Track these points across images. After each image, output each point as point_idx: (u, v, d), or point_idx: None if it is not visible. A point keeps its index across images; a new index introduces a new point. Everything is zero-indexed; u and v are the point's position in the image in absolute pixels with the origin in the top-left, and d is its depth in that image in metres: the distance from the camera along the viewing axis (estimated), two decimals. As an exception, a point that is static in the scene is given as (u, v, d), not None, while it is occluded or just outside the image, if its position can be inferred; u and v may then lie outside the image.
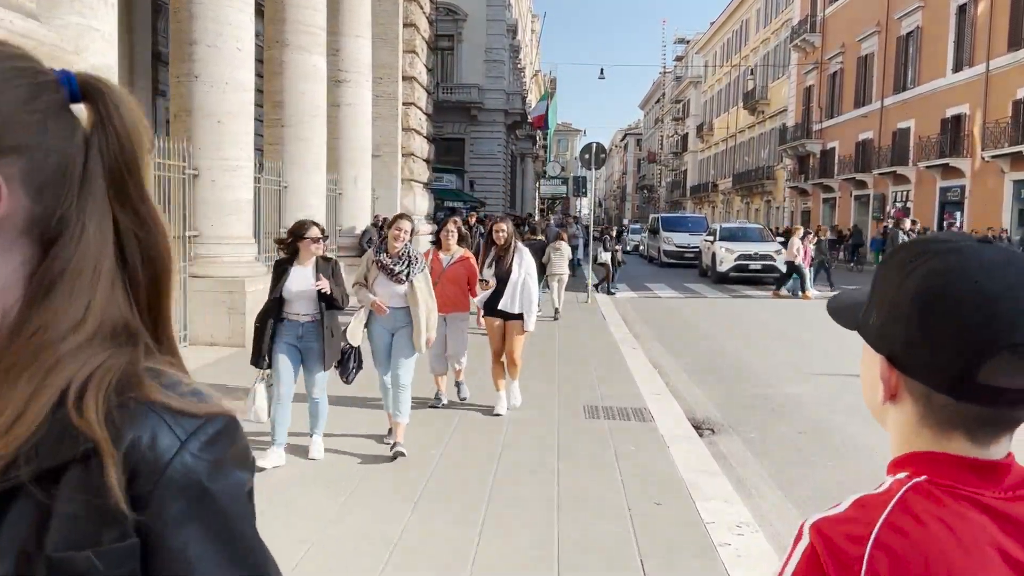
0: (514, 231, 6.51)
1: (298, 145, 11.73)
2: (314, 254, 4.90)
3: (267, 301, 4.94)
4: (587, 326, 11.70)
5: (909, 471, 0.78)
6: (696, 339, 11.06)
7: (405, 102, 17.60)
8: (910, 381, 0.77)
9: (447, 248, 6.40)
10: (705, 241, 23.71)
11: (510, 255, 6.27)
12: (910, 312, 0.75)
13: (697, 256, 27.98)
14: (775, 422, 6.55)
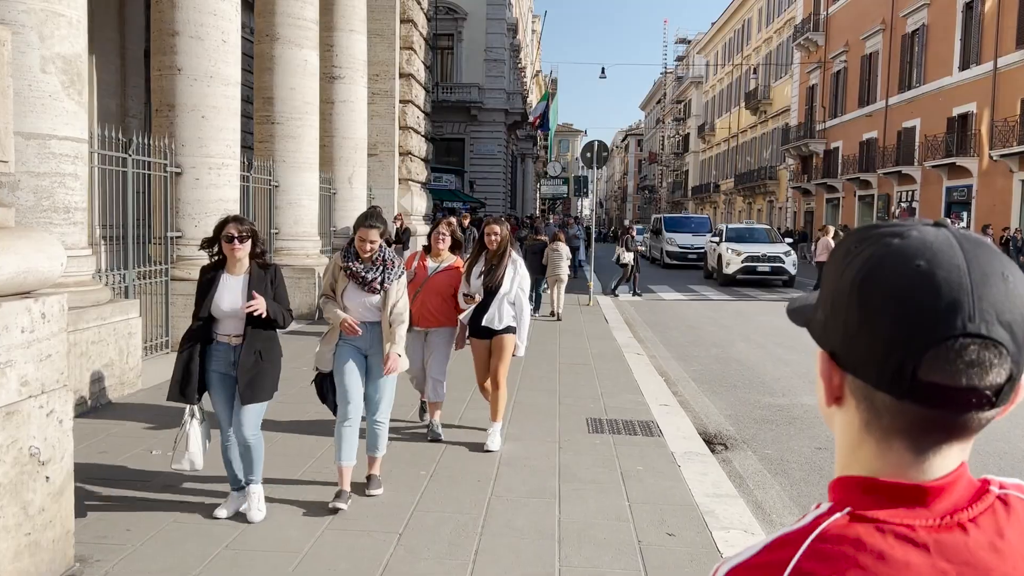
0: (509, 235, 5.54)
1: (289, 143, 11.31)
2: (239, 259, 3.96)
3: (192, 321, 4.03)
4: (590, 330, 11.27)
5: (834, 500, 0.72)
6: (703, 344, 10.62)
7: (402, 100, 17.17)
8: (852, 380, 0.71)
9: (437, 254, 5.61)
10: (711, 242, 22.95)
11: (504, 264, 5.35)
12: (848, 301, 0.70)
13: (701, 257, 27.54)
14: (791, 437, 6.11)
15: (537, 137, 52.97)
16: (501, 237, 5.41)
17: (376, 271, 4.28)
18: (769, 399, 7.33)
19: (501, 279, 5.32)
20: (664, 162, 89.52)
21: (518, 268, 5.40)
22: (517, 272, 5.39)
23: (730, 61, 60.35)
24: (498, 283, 5.32)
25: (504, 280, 5.32)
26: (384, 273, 4.28)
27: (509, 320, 5.37)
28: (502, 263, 5.36)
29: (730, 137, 60.41)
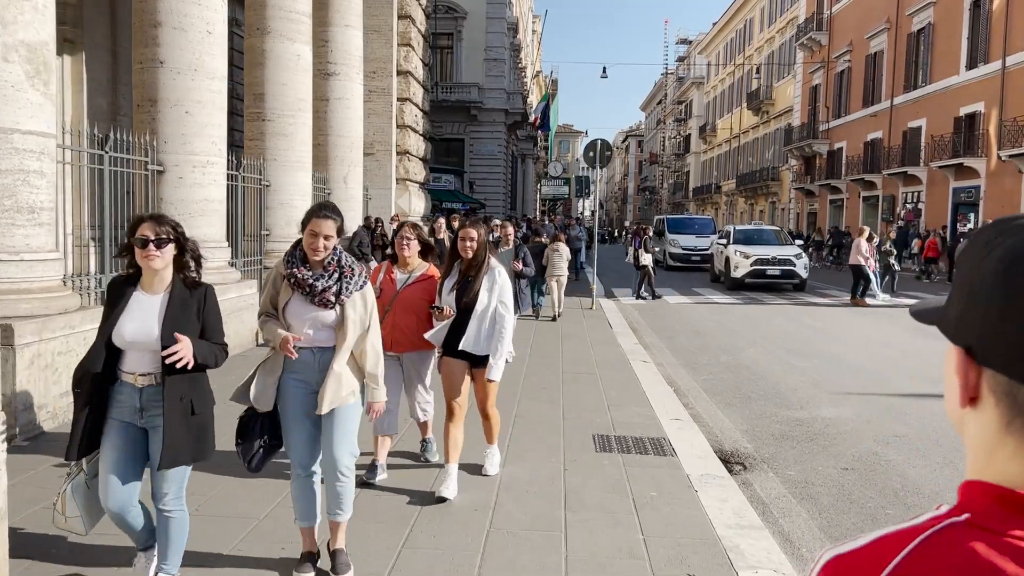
0: (487, 241, 4.58)
1: (281, 141, 10.86)
2: (155, 272, 3.01)
3: (89, 348, 3.08)
4: (593, 335, 10.82)
5: (956, 504, 0.68)
6: (712, 350, 10.18)
7: (400, 98, 16.73)
8: (992, 376, 0.67)
9: (404, 263, 4.72)
10: (718, 244, 21.94)
11: (481, 276, 4.44)
12: (991, 292, 0.66)
13: (705, 259, 26.98)
14: (815, 455, 5.66)
15: (537, 138, 52.58)
16: (478, 243, 4.44)
17: (329, 279, 3.30)
18: (787, 412, 6.88)
19: (477, 293, 4.41)
20: (665, 163, 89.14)
21: (497, 277, 4.47)
22: (496, 282, 4.46)
23: (732, 61, 59.94)
24: (473, 299, 4.40)
25: (481, 291, 4.41)
26: (341, 282, 3.31)
27: (490, 344, 4.49)
28: (479, 275, 4.44)
29: (732, 138, 60.02)
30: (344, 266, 3.35)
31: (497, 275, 4.48)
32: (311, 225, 3.29)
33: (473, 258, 4.45)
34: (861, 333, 11.86)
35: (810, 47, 43.17)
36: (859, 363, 9.31)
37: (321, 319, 3.32)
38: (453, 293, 4.49)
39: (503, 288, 4.50)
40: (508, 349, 4.62)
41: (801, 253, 19.55)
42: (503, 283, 4.51)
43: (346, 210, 14.06)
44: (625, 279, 22.78)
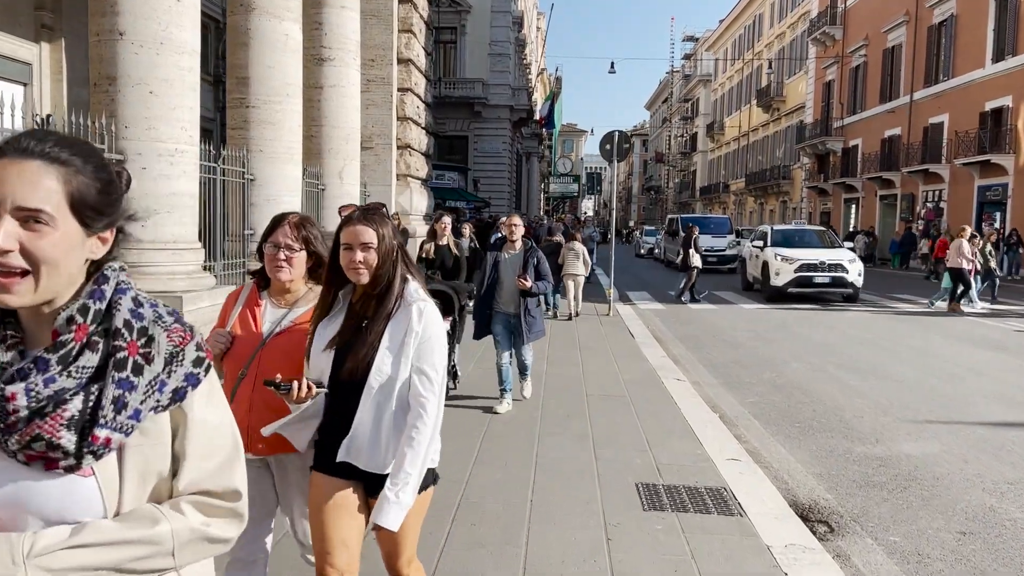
0: (397, 251, 2.31)
1: (267, 130, 9.74)
2: None
3: None
4: (614, 346, 9.69)
5: None
6: (751, 365, 9.04)
7: (400, 88, 15.61)
8: None
9: (282, 290, 2.59)
10: (752, 247, 18.78)
11: (381, 318, 2.29)
12: None
13: (723, 260, 25.89)
14: (917, 511, 4.52)
15: (543, 136, 51.49)
16: (379, 255, 2.25)
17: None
18: (861, 447, 5.73)
19: (372, 353, 2.24)
20: (671, 162, 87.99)
21: (415, 322, 2.26)
22: (413, 330, 2.25)
23: (740, 58, 58.79)
24: (364, 364, 2.25)
25: (379, 355, 2.24)
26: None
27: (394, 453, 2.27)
28: (379, 316, 2.27)
29: (740, 136, 58.85)
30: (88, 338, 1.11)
31: (416, 317, 2.26)
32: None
33: (370, 283, 2.28)
34: (912, 344, 10.70)
35: (823, 42, 42.01)
36: (923, 381, 8.16)
37: None
38: (330, 353, 2.31)
39: (427, 342, 2.26)
40: (422, 464, 2.23)
41: (855, 258, 16.66)
42: (430, 332, 2.27)
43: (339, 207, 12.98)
44: (640, 281, 21.66)
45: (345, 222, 2.29)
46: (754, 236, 19.96)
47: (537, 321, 6.49)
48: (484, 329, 6.54)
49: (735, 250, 26.06)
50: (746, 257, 19.54)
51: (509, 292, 6.36)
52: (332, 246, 2.32)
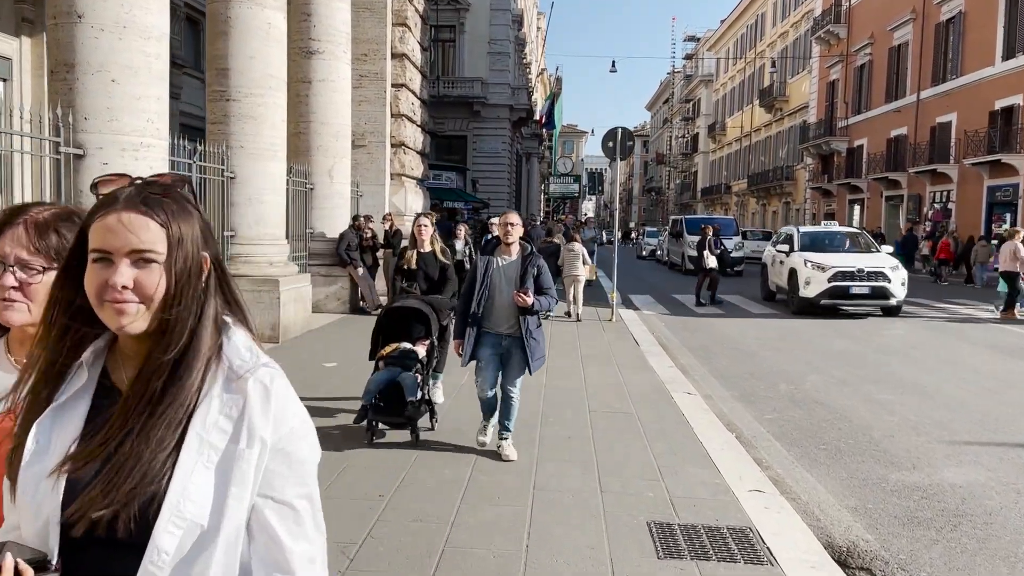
0: (211, 264, 1.10)
1: (248, 124, 9.16)
2: None
3: None
4: (618, 355, 9.10)
5: None
6: (766, 377, 8.44)
7: (395, 83, 15.02)
8: None
9: (22, 338, 1.39)
10: (776, 252, 16.08)
11: (176, 406, 1.04)
12: None
13: (729, 263, 25.03)
14: (973, 556, 3.91)
15: (543, 136, 50.90)
16: (175, 277, 1.05)
17: None
18: (898, 475, 5.13)
19: (163, 476, 1.02)
20: (672, 163, 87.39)
21: (273, 399, 1.06)
22: (270, 411, 1.06)
23: (742, 58, 58.20)
24: (145, 498, 1.01)
25: (176, 473, 1.02)
26: None
27: None
28: (175, 398, 1.05)
29: (742, 136, 58.26)
30: None
31: (259, 403, 1.07)
32: None
33: (153, 333, 1.07)
34: (934, 353, 10.09)
35: (827, 41, 41.41)
36: (955, 395, 7.55)
37: None
38: (61, 482, 1.05)
39: (288, 456, 1.08)
40: None
41: (897, 264, 14.26)
42: (292, 437, 1.09)
43: (332, 208, 12.38)
44: (643, 283, 21.06)
45: (101, 206, 1.08)
46: (777, 239, 17.32)
47: (539, 345, 5.03)
48: (468, 356, 5.08)
49: (741, 252, 25.36)
50: (767, 263, 16.90)
51: (503, 308, 4.94)
52: (67, 256, 1.13)
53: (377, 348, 5.65)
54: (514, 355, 4.99)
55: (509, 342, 4.99)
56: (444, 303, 5.97)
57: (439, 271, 6.13)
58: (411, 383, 5.24)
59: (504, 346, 5.00)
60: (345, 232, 11.72)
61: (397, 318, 5.74)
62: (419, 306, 5.71)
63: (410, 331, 5.74)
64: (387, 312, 5.80)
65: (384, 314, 5.82)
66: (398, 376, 5.28)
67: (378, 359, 5.59)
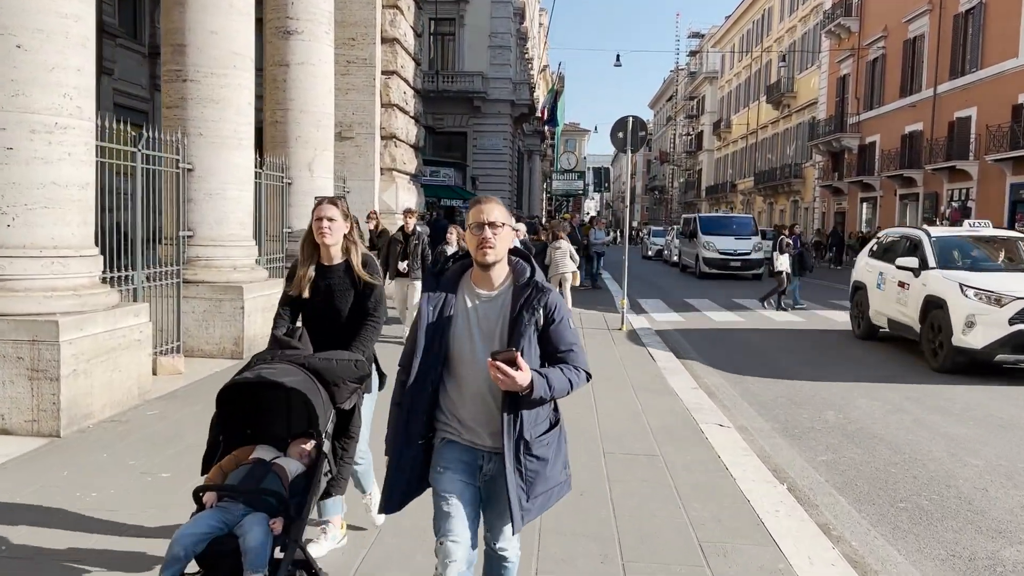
0: None
1: (209, 109, 7.98)
2: None
3: None
4: (634, 374, 7.92)
5: None
6: (807, 402, 7.26)
7: (385, 70, 13.84)
8: None
9: None
10: (890, 267, 10.32)
11: None
12: None
13: (747, 265, 23.16)
14: None
15: (545, 133, 49.70)
16: None
17: None
18: (1011, 551, 3.95)
19: None
20: (675, 161, 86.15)
21: None
22: None
23: (748, 54, 56.98)
24: None
25: None
26: None
27: None
28: None
29: (748, 134, 57.05)
30: None
31: None
32: None
33: None
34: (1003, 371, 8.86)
35: (838, 34, 40.18)
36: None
37: None
38: None
39: None
40: None
41: None
42: None
43: (311, 205, 11.22)
44: (652, 286, 19.83)
45: None
46: (886, 246, 11.29)
47: (552, 469, 2.51)
48: (400, 493, 2.49)
49: (760, 253, 23.53)
50: (863, 283, 11.17)
51: (475, 389, 2.41)
52: None
53: (212, 458, 2.89)
54: (506, 493, 2.37)
55: (495, 465, 2.43)
56: (345, 369, 2.95)
57: (353, 302, 3.44)
58: (259, 543, 2.54)
59: (487, 472, 2.47)
60: (326, 232, 10.55)
61: (250, 399, 2.95)
62: (289, 380, 2.77)
63: (273, 424, 3.02)
64: (229, 388, 2.84)
65: (224, 391, 2.87)
66: (235, 526, 2.60)
67: (198, 491, 2.76)
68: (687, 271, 25.62)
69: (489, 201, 2.37)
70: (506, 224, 2.35)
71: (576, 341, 2.41)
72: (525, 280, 2.38)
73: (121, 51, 15.25)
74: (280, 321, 3.51)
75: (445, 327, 2.36)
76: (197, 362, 7.69)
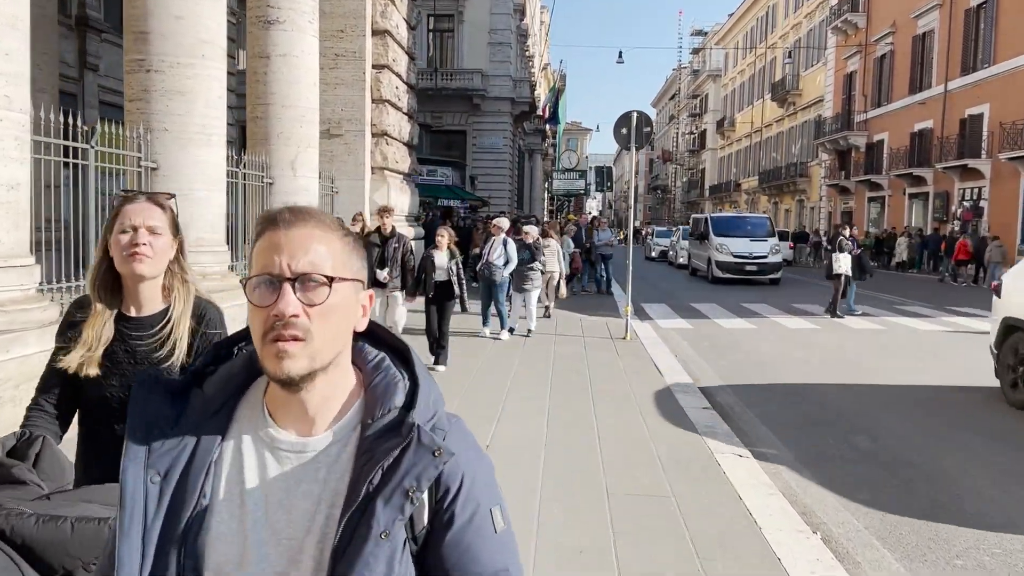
0: None
1: (176, 102, 7.30)
2: None
3: None
4: (638, 391, 7.23)
5: None
6: (830, 421, 6.58)
7: (376, 64, 13.16)
8: None
9: None
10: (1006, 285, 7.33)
11: None
12: None
13: (763, 269, 21.28)
14: None
15: (546, 132, 49.00)
16: None
17: None
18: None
19: None
20: (678, 160, 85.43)
21: None
22: None
23: (752, 51, 56.25)
24: None
25: None
26: None
27: None
28: None
29: (753, 132, 56.35)
30: None
31: None
32: None
33: None
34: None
35: (844, 31, 39.50)
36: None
37: None
38: None
39: None
40: None
41: None
42: None
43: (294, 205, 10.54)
44: (657, 290, 18.99)
45: None
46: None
47: None
48: None
49: (778, 256, 22.05)
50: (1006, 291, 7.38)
51: None
52: None
53: None
54: None
55: None
56: (87, 542, 1.56)
57: None
58: None
59: None
60: (310, 235, 9.86)
61: None
62: None
63: None
64: None
65: None
66: None
67: None
68: (697, 275, 23.99)
69: (293, 224, 1.00)
70: (339, 277, 1.00)
71: (509, 565, 1.03)
72: (391, 418, 1.01)
73: (107, 46, 14.50)
74: (37, 415, 1.98)
75: (193, 523, 0.99)
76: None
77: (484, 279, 10.26)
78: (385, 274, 8.49)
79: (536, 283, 10.82)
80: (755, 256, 21.08)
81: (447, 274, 8.28)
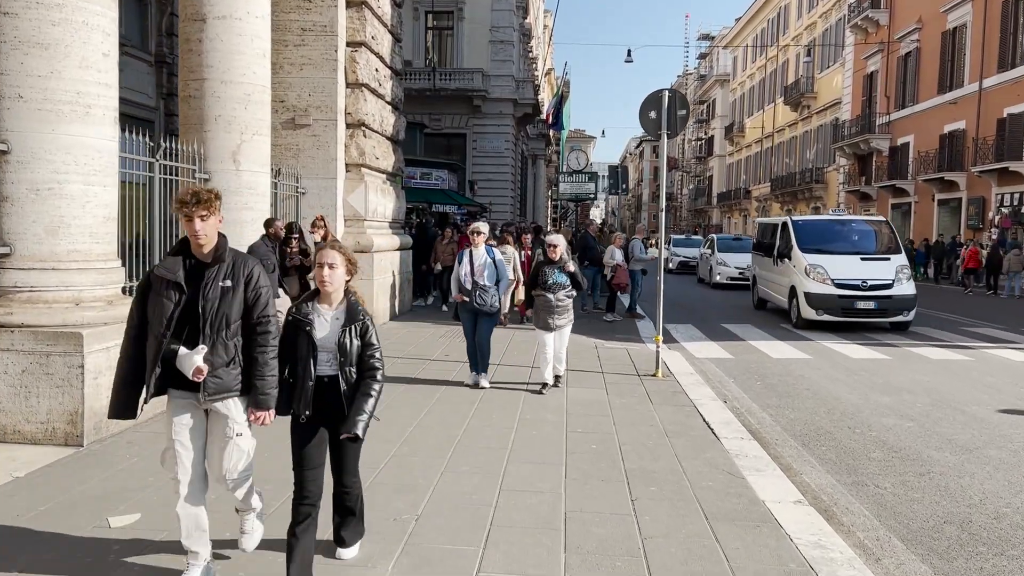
0: None
1: (33, 58, 5.17)
2: None
3: None
4: (692, 471, 5.05)
5: None
6: (949, 496, 4.40)
7: (351, 41, 11.04)
8: None
9: None
10: None
11: None
12: None
13: (884, 305, 12.86)
14: None
15: (550, 137, 46.86)
16: None
17: None
18: None
19: None
20: (684, 167, 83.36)
21: None
22: None
23: (763, 54, 54.20)
24: None
25: None
26: None
27: None
28: None
29: (764, 137, 54.26)
30: None
31: None
32: None
33: None
34: None
35: (865, 28, 37.41)
36: None
37: None
38: None
39: None
40: None
41: None
42: None
43: (239, 207, 8.20)
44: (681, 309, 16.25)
45: None
46: None
47: None
48: None
49: (910, 285, 13.45)
50: None
51: None
52: None
53: None
54: None
55: None
56: None
57: None
58: None
59: None
60: (255, 246, 7.69)
61: None
62: None
63: None
64: None
65: None
66: None
67: None
68: (767, 308, 16.07)
69: None
70: None
71: None
72: None
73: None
74: None
75: None
76: (6, 450, 4.88)
77: (467, 309, 7.60)
78: None
79: (571, 316, 7.78)
80: (873, 285, 12.82)
81: None
